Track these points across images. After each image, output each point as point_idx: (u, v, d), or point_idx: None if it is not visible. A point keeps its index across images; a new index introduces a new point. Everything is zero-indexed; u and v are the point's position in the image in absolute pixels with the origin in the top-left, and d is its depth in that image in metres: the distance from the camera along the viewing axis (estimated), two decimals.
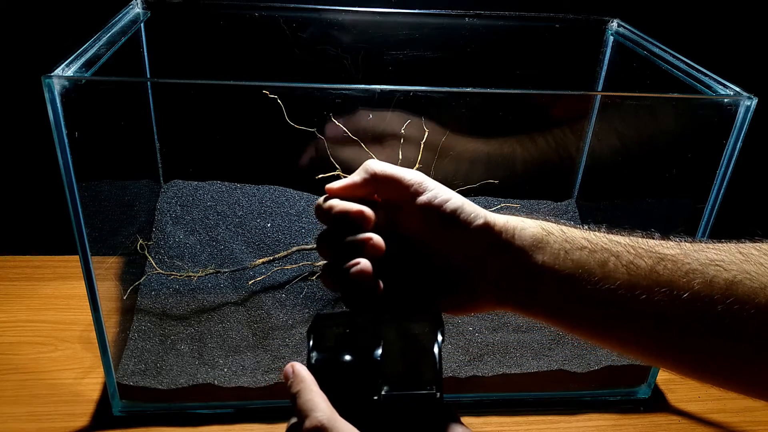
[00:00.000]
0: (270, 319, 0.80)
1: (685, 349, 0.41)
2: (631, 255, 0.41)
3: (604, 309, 0.41)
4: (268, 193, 0.93)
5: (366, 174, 0.45)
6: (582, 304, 0.42)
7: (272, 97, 0.65)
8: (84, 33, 0.66)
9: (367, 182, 0.45)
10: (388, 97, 0.72)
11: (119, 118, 0.77)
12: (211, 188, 0.93)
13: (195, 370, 0.74)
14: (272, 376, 0.75)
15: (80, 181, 0.59)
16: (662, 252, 0.41)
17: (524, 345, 0.81)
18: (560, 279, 0.42)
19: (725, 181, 0.67)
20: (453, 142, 0.87)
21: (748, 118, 0.64)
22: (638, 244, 0.42)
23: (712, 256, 0.41)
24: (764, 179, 1.10)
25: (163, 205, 0.90)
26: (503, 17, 0.89)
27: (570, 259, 0.42)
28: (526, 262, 0.42)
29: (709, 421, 0.77)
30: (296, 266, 0.85)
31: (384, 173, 0.44)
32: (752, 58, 1.01)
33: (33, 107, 0.67)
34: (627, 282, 0.40)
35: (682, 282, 0.40)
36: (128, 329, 0.77)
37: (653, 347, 0.42)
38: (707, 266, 0.40)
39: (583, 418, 0.77)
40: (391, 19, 0.88)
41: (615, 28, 0.90)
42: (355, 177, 0.45)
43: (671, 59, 0.75)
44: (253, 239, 0.88)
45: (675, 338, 0.40)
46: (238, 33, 0.88)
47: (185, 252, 0.86)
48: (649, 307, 0.40)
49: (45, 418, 0.71)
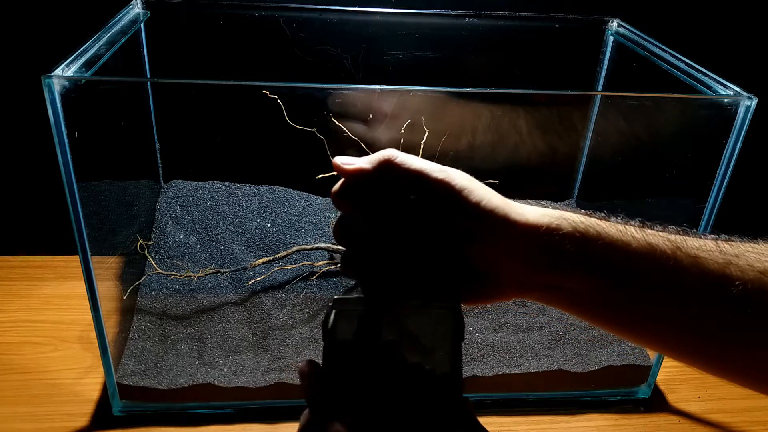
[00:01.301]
0: (270, 319, 0.80)
1: (731, 344, 0.40)
2: (668, 248, 0.42)
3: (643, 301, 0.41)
4: (268, 193, 0.93)
5: (380, 163, 0.41)
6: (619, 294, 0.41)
7: (272, 97, 0.65)
8: (84, 33, 0.66)
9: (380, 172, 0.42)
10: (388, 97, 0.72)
11: (119, 118, 0.77)
12: (211, 188, 0.93)
13: (195, 370, 0.74)
14: (272, 376, 0.75)
15: (80, 181, 0.59)
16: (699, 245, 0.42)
17: (524, 345, 0.81)
18: (588, 265, 0.41)
19: (725, 181, 0.67)
20: (453, 142, 0.87)
21: (748, 118, 0.65)
22: (676, 240, 0.42)
23: (748, 249, 0.42)
24: (764, 179, 1.10)
25: (163, 205, 0.90)
26: (503, 17, 0.89)
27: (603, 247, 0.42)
28: (555, 252, 0.41)
29: (709, 421, 0.77)
30: (296, 266, 0.85)
31: (407, 168, 0.41)
32: (752, 58, 1.01)
33: (33, 107, 0.67)
34: (661, 271, 0.41)
35: (729, 273, 0.40)
36: (128, 329, 0.77)
37: (691, 344, 0.41)
38: (747, 257, 0.40)
39: (583, 418, 0.77)
40: (391, 19, 0.88)
41: (615, 28, 0.90)
42: (366, 164, 0.42)
43: (671, 59, 0.75)
44: (253, 239, 0.88)
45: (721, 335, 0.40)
46: (238, 33, 0.88)
47: (185, 252, 0.86)
48: (689, 301, 0.40)
49: (45, 418, 0.71)
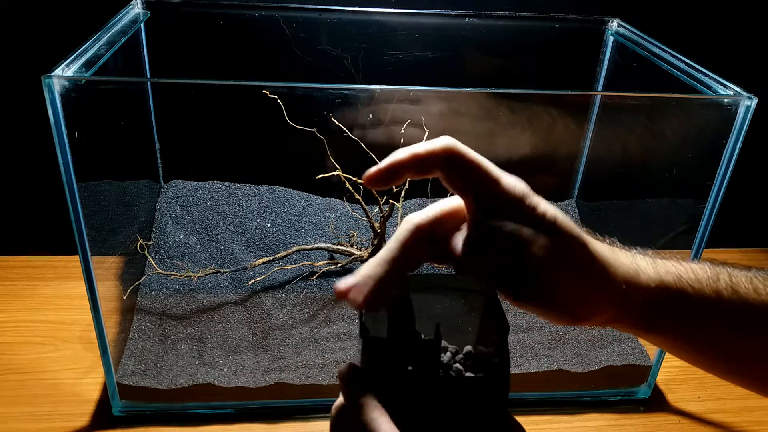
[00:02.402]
0: (270, 319, 0.80)
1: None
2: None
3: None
4: (268, 193, 0.93)
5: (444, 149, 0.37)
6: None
7: (272, 97, 0.65)
8: (84, 33, 0.66)
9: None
10: (388, 97, 0.72)
11: (119, 118, 0.77)
12: (211, 188, 0.93)
13: (195, 370, 0.74)
14: (272, 376, 0.75)
15: (80, 181, 0.59)
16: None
17: (524, 345, 0.81)
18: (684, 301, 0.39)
19: (725, 181, 0.67)
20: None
21: (748, 118, 0.64)
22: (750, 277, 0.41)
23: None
24: (764, 179, 1.10)
25: (163, 205, 0.90)
26: (503, 17, 0.89)
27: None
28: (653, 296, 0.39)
29: (709, 421, 0.77)
30: (296, 266, 0.85)
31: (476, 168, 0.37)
32: (752, 58, 1.01)
33: (33, 107, 0.67)
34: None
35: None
36: (128, 329, 0.77)
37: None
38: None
39: (583, 418, 0.77)
40: (391, 19, 0.88)
41: (615, 28, 0.90)
42: (424, 149, 0.37)
43: (671, 59, 0.75)
44: (253, 239, 0.88)
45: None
46: (238, 33, 0.88)
47: (185, 252, 0.86)
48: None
49: (45, 418, 0.71)
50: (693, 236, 0.71)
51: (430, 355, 0.38)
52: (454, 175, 0.37)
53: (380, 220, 0.79)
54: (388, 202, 0.79)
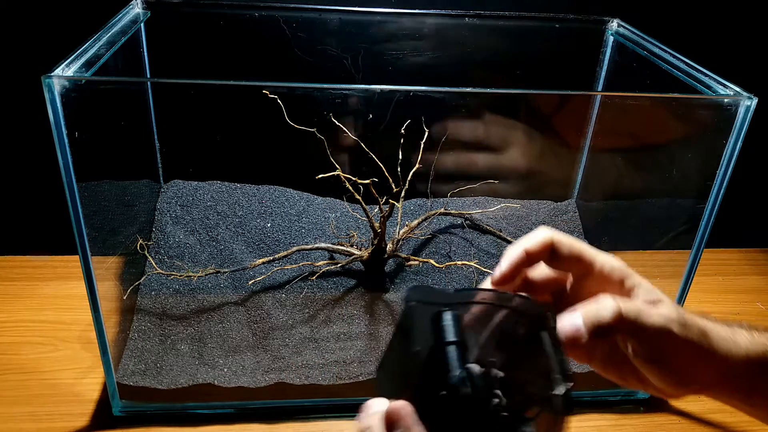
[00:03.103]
0: (270, 319, 0.80)
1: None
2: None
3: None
4: (268, 193, 0.93)
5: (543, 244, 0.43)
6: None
7: (272, 97, 0.65)
8: (84, 33, 0.66)
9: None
10: (388, 97, 0.72)
11: (119, 118, 0.77)
12: (211, 188, 0.93)
13: (195, 370, 0.74)
14: (272, 376, 0.75)
15: (80, 181, 0.59)
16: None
17: None
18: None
19: (725, 181, 0.67)
20: (453, 142, 0.87)
21: (748, 118, 0.65)
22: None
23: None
24: (764, 179, 1.10)
25: (163, 205, 0.90)
26: (503, 17, 0.89)
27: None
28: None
29: (709, 421, 0.77)
30: (296, 266, 0.85)
31: (572, 253, 0.43)
32: (752, 58, 1.01)
33: (33, 107, 0.67)
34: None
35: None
36: (128, 329, 0.77)
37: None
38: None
39: (583, 418, 0.77)
40: (391, 19, 0.88)
41: (615, 28, 0.90)
42: (529, 245, 0.43)
43: (671, 59, 0.75)
44: (253, 239, 0.88)
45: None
46: (238, 33, 0.88)
47: (185, 252, 0.86)
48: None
49: (45, 418, 0.71)
50: (693, 236, 0.71)
51: (483, 388, 0.35)
52: (555, 264, 0.44)
53: (380, 220, 0.79)
54: (388, 202, 0.79)
